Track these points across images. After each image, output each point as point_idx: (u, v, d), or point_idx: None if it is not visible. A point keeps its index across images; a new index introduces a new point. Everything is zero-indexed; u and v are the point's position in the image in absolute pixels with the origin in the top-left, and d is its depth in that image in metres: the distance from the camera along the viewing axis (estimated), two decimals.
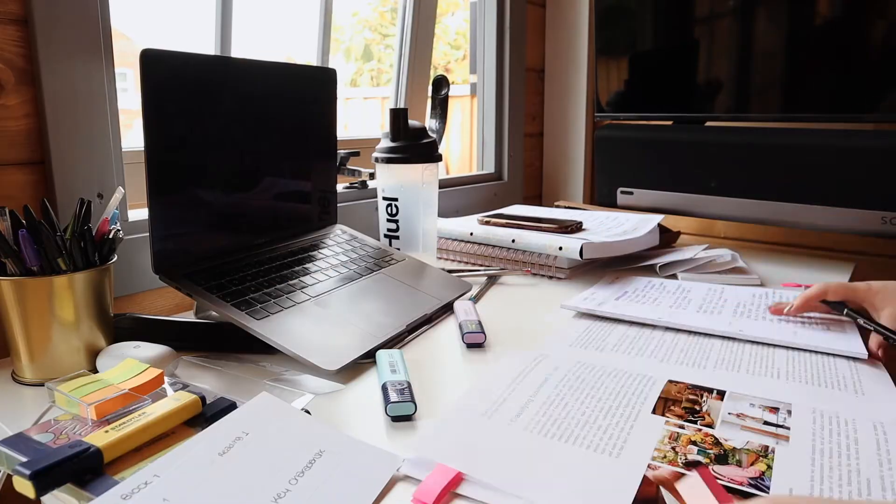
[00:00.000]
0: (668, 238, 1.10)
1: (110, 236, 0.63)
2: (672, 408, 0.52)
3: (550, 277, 0.95)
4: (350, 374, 0.61)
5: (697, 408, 0.52)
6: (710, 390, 0.56)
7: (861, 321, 0.67)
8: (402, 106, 1.36)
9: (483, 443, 0.47)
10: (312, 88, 0.87)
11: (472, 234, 1.02)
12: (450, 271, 0.92)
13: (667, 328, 0.72)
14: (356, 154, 1.09)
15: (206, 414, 0.50)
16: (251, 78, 0.77)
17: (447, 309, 0.80)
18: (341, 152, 1.03)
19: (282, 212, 0.84)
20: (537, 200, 1.57)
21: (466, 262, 1.04)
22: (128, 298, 0.78)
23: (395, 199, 0.94)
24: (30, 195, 0.69)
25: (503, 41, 1.39)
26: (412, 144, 0.93)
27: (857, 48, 0.99)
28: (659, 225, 1.08)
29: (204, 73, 0.71)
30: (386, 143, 0.94)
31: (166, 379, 0.56)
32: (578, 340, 0.69)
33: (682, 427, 0.49)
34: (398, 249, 0.94)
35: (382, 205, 0.95)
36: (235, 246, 0.77)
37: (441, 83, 1.00)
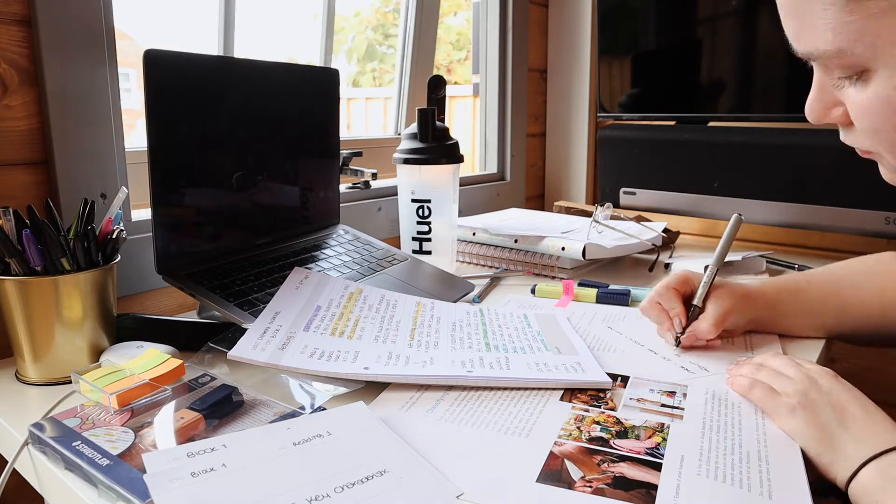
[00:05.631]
0: (668, 238, 1.10)
1: (113, 236, 0.63)
2: (578, 395, 0.56)
3: (553, 278, 0.95)
4: None
5: (602, 395, 0.56)
6: (614, 377, 0.59)
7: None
8: (405, 106, 1.36)
9: (400, 433, 0.49)
10: (315, 89, 0.87)
11: (474, 234, 1.02)
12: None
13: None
14: (359, 154, 1.09)
15: (207, 400, 0.52)
16: (254, 78, 0.77)
17: None
18: (344, 152, 1.03)
19: (284, 212, 0.84)
20: (540, 201, 1.57)
21: (469, 263, 1.04)
22: (131, 298, 0.78)
23: (428, 201, 0.92)
24: (33, 195, 0.69)
25: (506, 41, 1.39)
26: (443, 145, 0.92)
27: None
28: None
29: (207, 73, 0.71)
30: (412, 143, 0.92)
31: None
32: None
33: (586, 411, 0.53)
34: (429, 253, 0.93)
35: (410, 207, 0.93)
36: (238, 246, 0.77)
37: (438, 83, 0.99)
